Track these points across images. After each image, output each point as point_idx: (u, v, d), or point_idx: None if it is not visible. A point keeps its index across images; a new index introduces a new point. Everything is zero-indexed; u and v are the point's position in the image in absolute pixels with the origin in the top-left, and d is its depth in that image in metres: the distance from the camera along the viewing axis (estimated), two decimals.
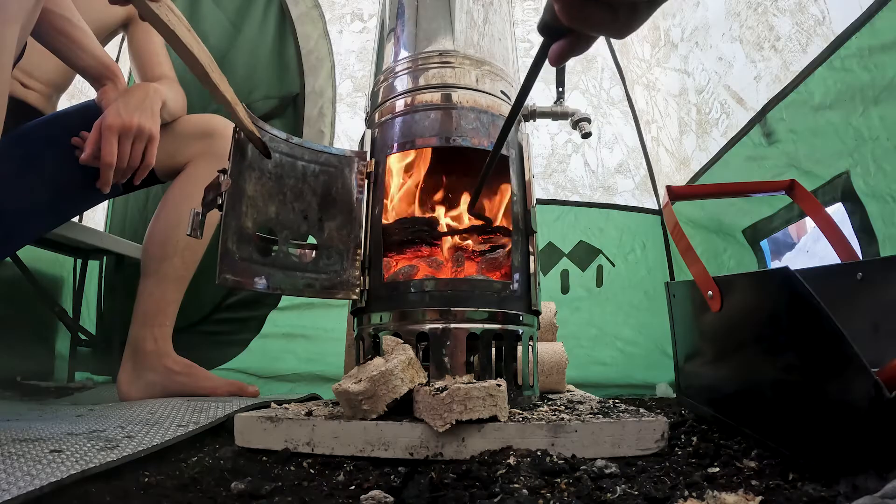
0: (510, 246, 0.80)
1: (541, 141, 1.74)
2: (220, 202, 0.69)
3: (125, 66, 1.65)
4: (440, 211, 0.90)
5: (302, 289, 0.76)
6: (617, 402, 0.81)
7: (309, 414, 0.67)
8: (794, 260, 2.71)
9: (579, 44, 0.42)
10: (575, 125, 0.98)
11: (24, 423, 0.74)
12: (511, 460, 0.54)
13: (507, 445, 0.58)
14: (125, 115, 0.90)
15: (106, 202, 1.82)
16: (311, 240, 0.81)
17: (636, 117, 1.75)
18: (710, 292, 0.68)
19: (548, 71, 0.59)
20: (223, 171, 0.70)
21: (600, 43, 1.76)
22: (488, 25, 0.90)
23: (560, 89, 1.00)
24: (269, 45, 1.72)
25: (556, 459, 0.55)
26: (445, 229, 0.87)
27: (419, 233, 0.84)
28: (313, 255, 0.79)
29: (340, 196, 0.81)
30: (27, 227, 0.98)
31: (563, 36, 0.42)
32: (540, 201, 1.63)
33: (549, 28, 0.42)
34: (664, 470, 0.54)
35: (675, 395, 1.08)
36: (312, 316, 1.58)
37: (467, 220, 0.88)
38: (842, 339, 0.45)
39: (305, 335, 1.57)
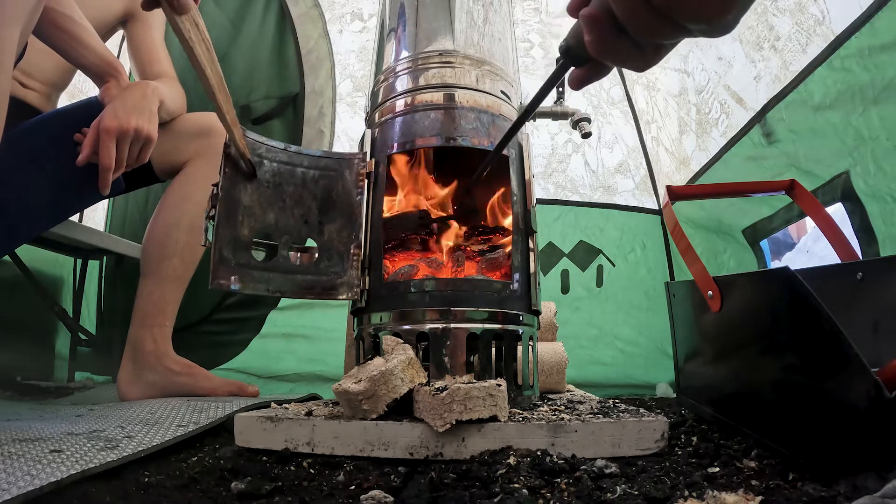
0: (510, 246, 0.81)
1: (541, 141, 1.74)
2: (212, 214, 0.71)
3: (126, 64, 1.65)
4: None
5: (304, 291, 0.77)
6: (617, 402, 0.81)
7: (309, 414, 0.67)
8: (794, 260, 2.71)
9: (600, 71, 0.44)
10: (575, 125, 0.98)
11: (24, 423, 0.74)
12: (511, 460, 0.54)
13: (507, 445, 0.58)
14: (122, 117, 0.90)
15: (106, 202, 1.83)
16: (311, 242, 0.81)
17: (636, 117, 1.75)
18: (710, 292, 0.68)
19: (548, 70, 0.60)
20: (216, 185, 0.73)
21: None
22: (488, 25, 0.90)
23: (560, 89, 1.00)
24: (269, 45, 1.72)
25: (556, 459, 0.55)
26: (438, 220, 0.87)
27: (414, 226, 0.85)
28: (314, 257, 0.79)
29: (341, 198, 0.81)
30: (31, 222, 0.98)
31: (585, 63, 0.43)
32: (540, 201, 1.63)
33: (573, 54, 0.43)
34: (664, 470, 0.54)
35: (675, 395, 1.08)
36: (312, 316, 1.58)
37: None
38: (842, 339, 0.45)
39: (305, 335, 1.57)
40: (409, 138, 0.82)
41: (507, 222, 0.85)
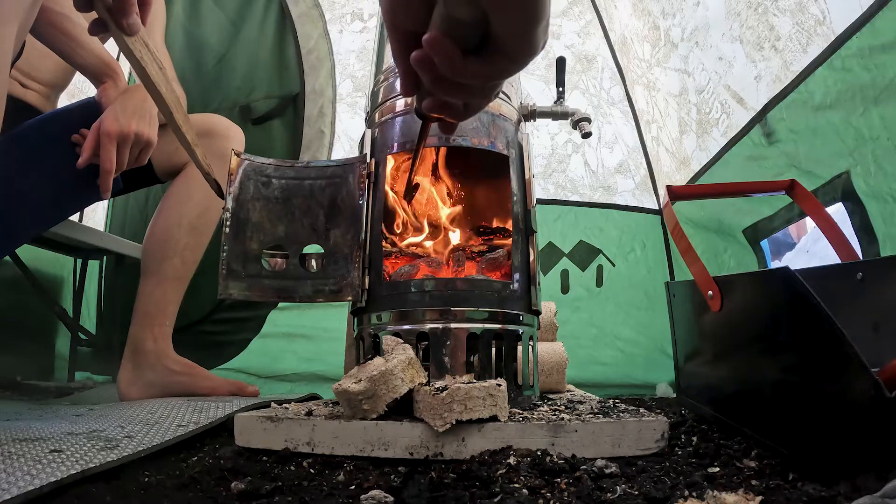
0: (510, 246, 0.80)
1: (541, 141, 1.74)
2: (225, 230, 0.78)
3: (125, 66, 1.65)
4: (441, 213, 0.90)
5: (312, 296, 0.79)
6: (617, 402, 0.81)
7: (309, 414, 0.67)
8: (794, 260, 2.72)
9: (450, 125, 0.49)
10: (575, 125, 0.98)
11: (24, 423, 0.74)
12: (511, 460, 0.54)
13: (507, 445, 0.58)
14: (123, 121, 0.90)
15: (106, 202, 1.83)
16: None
17: (636, 117, 1.75)
18: (710, 292, 0.68)
19: (548, 70, 0.61)
20: (224, 209, 0.79)
21: (600, 43, 1.76)
22: None
23: (560, 89, 0.99)
24: (269, 45, 1.72)
25: (556, 459, 0.55)
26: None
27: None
28: (321, 262, 0.81)
29: (345, 203, 0.82)
30: (29, 223, 0.98)
31: (434, 120, 0.47)
32: (540, 201, 1.63)
33: (422, 116, 0.47)
34: (664, 470, 0.54)
35: (675, 395, 1.08)
36: (312, 316, 1.58)
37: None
38: (842, 339, 0.45)
39: (305, 335, 1.57)
40: (409, 138, 0.82)
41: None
